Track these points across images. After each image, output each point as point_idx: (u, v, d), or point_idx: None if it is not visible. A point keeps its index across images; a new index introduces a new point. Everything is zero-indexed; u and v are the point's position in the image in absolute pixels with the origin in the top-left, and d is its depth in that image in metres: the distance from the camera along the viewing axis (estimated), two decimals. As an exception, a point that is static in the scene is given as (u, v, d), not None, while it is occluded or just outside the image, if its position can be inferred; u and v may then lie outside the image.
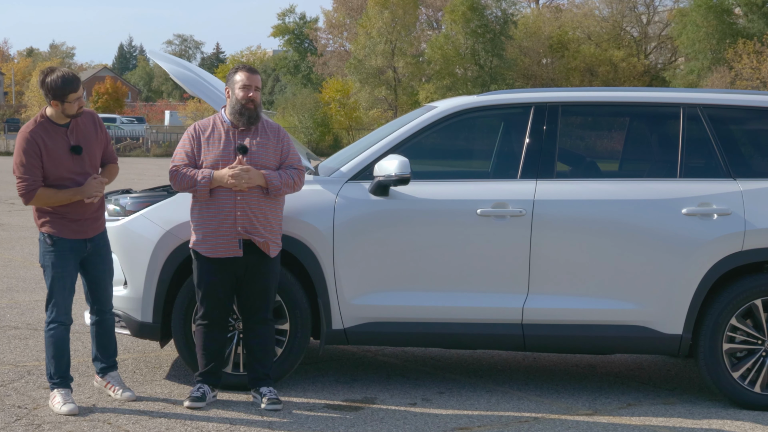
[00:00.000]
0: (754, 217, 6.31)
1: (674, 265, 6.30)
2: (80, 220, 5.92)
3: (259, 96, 6.15)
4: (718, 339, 6.33)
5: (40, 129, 5.85)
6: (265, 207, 6.03)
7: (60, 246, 5.91)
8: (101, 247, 6.09)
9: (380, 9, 60.03)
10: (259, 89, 6.14)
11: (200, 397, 6.06)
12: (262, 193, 6.00)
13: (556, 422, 5.99)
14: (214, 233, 6.01)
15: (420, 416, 6.03)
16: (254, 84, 6.10)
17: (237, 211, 5.98)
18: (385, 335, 6.51)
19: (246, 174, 5.93)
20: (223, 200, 5.98)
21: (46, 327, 5.98)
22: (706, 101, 6.68)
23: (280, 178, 6.01)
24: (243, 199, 5.97)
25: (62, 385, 5.97)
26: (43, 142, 5.81)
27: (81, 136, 5.93)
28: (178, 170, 6.04)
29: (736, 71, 49.27)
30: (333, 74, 69.19)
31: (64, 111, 5.84)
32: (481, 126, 7.43)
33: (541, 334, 6.39)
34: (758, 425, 6.04)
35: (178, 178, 6.02)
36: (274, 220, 6.08)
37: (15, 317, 8.72)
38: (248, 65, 6.25)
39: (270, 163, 6.06)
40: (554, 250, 6.35)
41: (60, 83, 5.78)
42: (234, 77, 6.14)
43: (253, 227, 5.99)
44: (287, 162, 6.12)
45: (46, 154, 5.81)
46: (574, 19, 64.70)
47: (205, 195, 5.99)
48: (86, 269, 6.07)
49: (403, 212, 6.40)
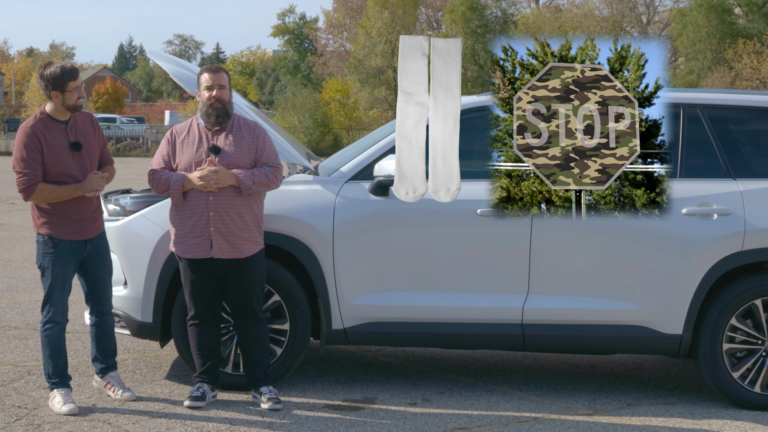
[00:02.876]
0: (754, 217, 6.31)
1: (674, 265, 6.30)
2: (80, 220, 5.92)
3: (226, 94, 6.11)
4: (718, 339, 6.33)
5: (41, 124, 5.86)
6: (240, 206, 6.02)
7: (60, 248, 5.90)
8: (101, 248, 6.09)
9: (380, 9, 60.03)
10: (224, 87, 6.11)
11: (200, 397, 6.07)
12: (236, 192, 6.00)
13: (556, 422, 6.00)
14: (188, 235, 6.04)
15: (420, 416, 6.03)
16: (217, 83, 6.08)
17: (209, 212, 5.99)
18: (385, 335, 6.51)
19: (215, 175, 5.94)
20: (196, 202, 6.01)
21: (42, 327, 5.97)
22: (706, 101, 6.68)
23: (253, 176, 5.99)
24: (215, 200, 5.99)
25: (61, 385, 5.96)
26: (43, 137, 5.82)
27: (80, 134, 5.94)
28: (154, 173, 6.12)
29: (736, 71, 49.25)
30: (333, 74, 69.20)
31: (64, 102, 5.85)
32: (481, 126, 7.42)
33: (541, 334, 6.39)
34: (758, 425, 6.04)
35: (155, 181, 6.10)
36: (251, 219, 6.06)
37: (15, 317, 8.72)
38: (212, 65, 6.28)
39: (243, 162, 6.06)
40: (554, 250, 6.35)
41: (59, 72, 5.82)
42: (199, 79, 6.17)
43: (227, 227, 5.99)
44: (262, 159, 6.10)
45: (47, 150, 5.81)
46: (574, 19, 64.66)
47: (179, 197, 6.03)
48: (86, 270, 6.07)
49: (403, 212, 6.40)
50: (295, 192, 6.49)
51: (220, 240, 6.00)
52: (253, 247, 6.08)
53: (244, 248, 6.04)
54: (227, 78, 6.19)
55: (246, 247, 6.05)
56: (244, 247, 6.04)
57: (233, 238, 6.01)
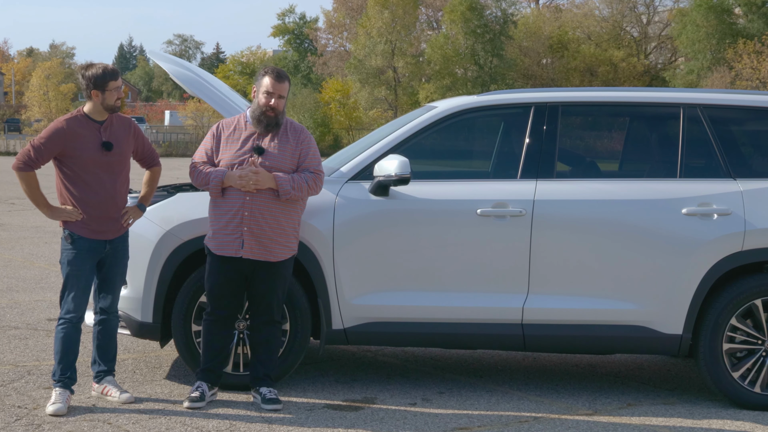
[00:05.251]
0: (754, 217, 6.31)
1: (674, 265, 6.30)
2: (100, 219, 5.95)
3: (283, 104, 6.09)
4: (718, 339, 6.33)
5: (75, 121, 5.95)
6: (276, 210, 6.01)
7: (79, 245, 5.94)
8: (119, 250, 6.12)
9: (380, 9, 60.06)
10: (284, 97, 6.08)
11: (199, 398, 6.06)
12: (274, 195, 5.99)
13: (556, 422, 6.00)
14: (221, 231, 6.03)
15: (420, 416, 6.03)
16: (278, 92, 6.05)
17: (245, 212, 5.98)
18: (385, 335, 6.51)
19: (255, 176, 5.93)
20: (233, 200, 6.00)
21: (57, 323, 6.01)
22: (706, 101, 6.68)
23: (292, 182, 5.98)
24: (252, 200, 5.98)
25: (61, 386, 5.96)
26: (73, 132, 5.89)
27: (113, 135, 5.99)
28: (195, 167, 6.12)
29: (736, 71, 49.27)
30: (333, 74, 69.25)
31: (104, 101, 5.94)
32: (481, 126, 7.43)
33: (541, 334, 6.39)
34: (758, 425, 6.04)
35: (195, 174, 6.10)
36: (287, 223, 6.05)
37: (15, 317, 8.72)
38: (279, 70, 6.17)
39: (285, 167, 6.04)
40: (554, 250, 6.35)
41: (101, 72, 5.94)
42: (261, 80, 6.11)
43: (260, 229, 5.98)
44: (304, 165, 6.08)
45: (73, 145, 5.86)
46: (574, 19, 64.71)
47: (217, 193, 6.02)
48: (100, 269, 6.09)
49: (403, 212, 6.40)
50: (295, 192, 6.48)
51: (251, 241, 5.99)
52: (286, 252, 6.07)
53: (276, 251, 6.03)
54: (288, 88, 6.14)
55: (278, 251, 6.04)
56: (276, 251, 6.03)
57: (266, 240, 6.00)
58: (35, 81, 73.29)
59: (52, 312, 8.91)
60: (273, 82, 6.06)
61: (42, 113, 71.01)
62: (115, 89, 5.96)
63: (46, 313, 8.93)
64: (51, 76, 72.45)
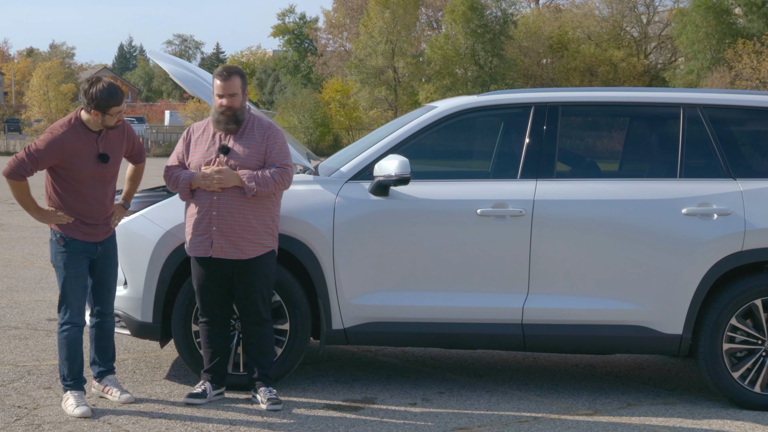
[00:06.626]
0: (754, 217, 6.31)
1: (674, 265, 6.30)
2: (93, 224, 5.96)
3: (238, 101, 6.05)
4: (718, 339, 6.33)
5: (72, 133, 5.86)
6: (245, 208, 6.01)
7: (72, 247, 5.94)
8: (110, 251, 6.12)
9: (381, 9, 60.05)
10: (236, 94, 6.04)
11: (200, 394, 6.08)
12: (241, 193, 6.00)
13: (556, 422, 6.00)
14: (193, 232, 6.08)
15: (420, 416, 6.03)
16: (228, 91, 6.03)
17: (213, 211, 6.01)
18: (385, 335, 6.51)
19: (218, 175, 5.95)
20: (202, 200, 6.03)
21: (59, 329, 5.99)
22: (706, 101, 6.68)
23: (256, 178, 5.97)
24: (219, 200, 6.00)
25: (75, 387, 5.97)
26: (70, 145, 5.82)
27: (109, 146, 5.97)
28: (168, 171, 6.17)
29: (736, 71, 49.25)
30: (333, 74, 69.23)
31: (103, 122, 5.89)
32: (481, 126, 7.43)
33: (541, 334, 6.39)
34: (758, 425, 6.04)
35: (167, 178, 6.16)
36: (257, 221, 6.03)
37: (15, 317, 8.72)
38: (226, 69, 6.14)
39: (251, 164, 6.04)
40: (554, 250, 6.35)
41: (105, 95, 5.81)
42: (214, 82, 6.13)
43: (229, 227, 6.00)
44: (270, 160, 6.07)
45: (68, 154, 5.81)
46: (574, 19, 64.68)
47: (186, 195, 6.07)
48: (93, 271, 6.09)
49: (403, 212, 6.40)
50: (295, 192, 6.48)
51: (221, 239, 6.01)
52: (258, 249, 6.06)
53: (247, 249, 6.04)
54: (240, 83, 6.08)
55: (249, 249, 6.04)
56: (247, 249, 6.04)
57: (235, 238, 6.01)
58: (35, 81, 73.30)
59: (52, 312, 8.91)
60: (220, 83, 6.05)
61: (42, 113, 71.04)
62: (116, 114, 5.88)
63: (46, 313, 8.93)
64: (51, 76, 72.49)
